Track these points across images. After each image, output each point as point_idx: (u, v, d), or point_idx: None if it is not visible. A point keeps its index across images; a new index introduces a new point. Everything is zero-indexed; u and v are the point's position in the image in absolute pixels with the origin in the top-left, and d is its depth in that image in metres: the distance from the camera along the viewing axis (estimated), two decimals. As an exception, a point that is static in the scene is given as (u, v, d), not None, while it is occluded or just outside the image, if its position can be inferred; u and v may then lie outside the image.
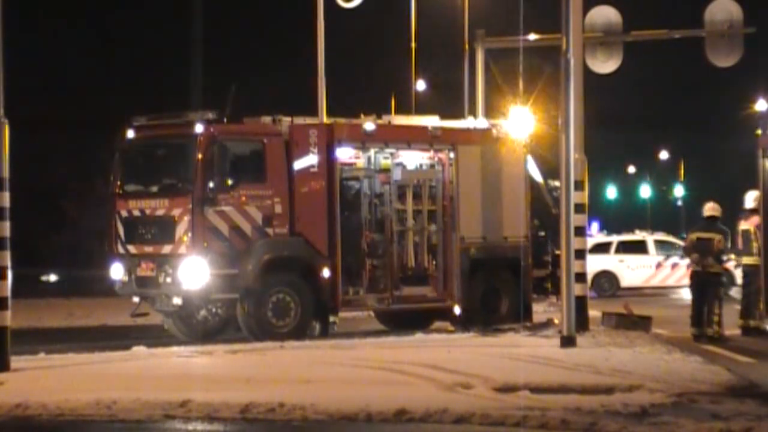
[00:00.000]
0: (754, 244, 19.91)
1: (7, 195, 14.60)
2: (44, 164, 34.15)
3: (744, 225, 20.54)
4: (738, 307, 20.73)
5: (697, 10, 26.00)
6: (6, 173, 14.57)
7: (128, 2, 40.98)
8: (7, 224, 14.59)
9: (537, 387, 12.83)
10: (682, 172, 71.37)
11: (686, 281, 33.17)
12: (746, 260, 20.42)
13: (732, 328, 20.14)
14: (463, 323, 20.54)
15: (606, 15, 25.88)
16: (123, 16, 40.36)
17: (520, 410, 11.61)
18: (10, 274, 14.62)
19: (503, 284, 21.25)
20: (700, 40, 26.14)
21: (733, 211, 23.17)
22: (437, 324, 21.29)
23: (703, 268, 19.62)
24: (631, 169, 74.16)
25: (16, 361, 14.74)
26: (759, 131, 19.64)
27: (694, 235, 19.95)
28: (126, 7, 40.52)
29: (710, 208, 19.93)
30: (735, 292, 25.06)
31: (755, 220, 20.00)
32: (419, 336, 19.42)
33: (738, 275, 23.20)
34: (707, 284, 19.68)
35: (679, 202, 68.03)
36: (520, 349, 16.59)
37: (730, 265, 23.21)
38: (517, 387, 12.82)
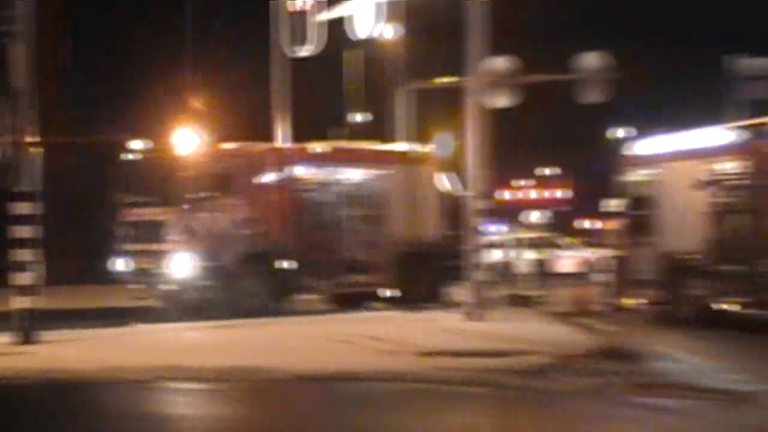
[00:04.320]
0: (615, 240, 20.13)
1: (40, 204, 14.57)
2: (67, 179, 33.66)
3: (606, 225, 20.79)
4: (603, 288, 20.92)
5: (573, 57, 26.22)
6: (39, 187, 14.56)
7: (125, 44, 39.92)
8: (40, 227, 14.54)
9: (451, 352, 12.93)
10: (560, 184, 71.84)
11: (559, 269, 33.60)
12: (608, 252, 20.65)
13: (599, 305, 20.35)
14: (394, 303, 20.63)
15: (501, 62, 26.08)
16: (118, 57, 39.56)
17: (441, 371, 11.72)
18: (42, 267, 14.59)
19: (425, 272, 21.29)
20: (575, 82, 26.34)
21: (600, 214, 23.44)
22: (374, 304, 21.34)
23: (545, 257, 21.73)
24: (522, 183, 74.27)
25: (45, 336, 14.69)
26: (623, 152, 19.84)
27: (536, 234, 21.70)
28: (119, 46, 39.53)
29: (541, 216, 21.58)
30: (600, 277, 25.27)
31: (614, 221, 20.21)
32: (360, 313, 19.47)
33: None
34: (544, 268, 22.00)
35: (559, 208, 68.42)
36: (438, 323, 16.69)
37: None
38: (436, 352, 12.92)
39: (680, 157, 17.90)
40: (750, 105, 21.48)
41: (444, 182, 22.07)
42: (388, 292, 20.90)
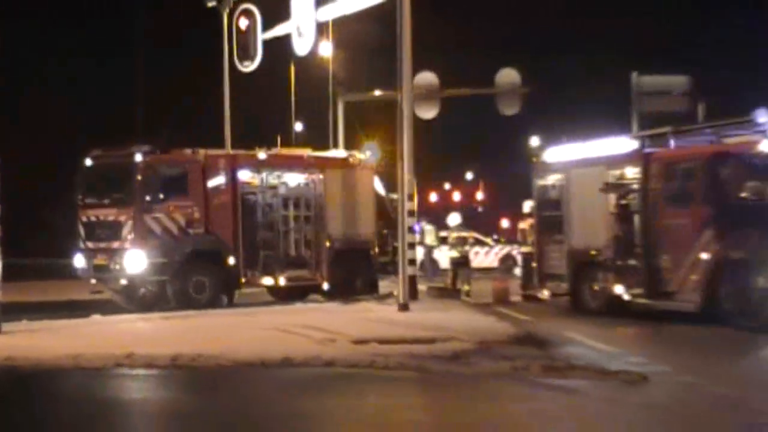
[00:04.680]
0: (529, 238, 20.35)
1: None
2: (26, 182, 33.13)
3: (522, 225, 21.01)
4: (519, 281, 21.12)
5: (491, 73, 26.41)
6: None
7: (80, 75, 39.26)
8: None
9: (382, 339, 12.92)
10: (481, 186, 72.48)
11: (487, 264, 33.83)
12: (524, 249, 20.86)
13: (515, 296, 20.53)
14: (330, 295, 20.61)
15: (428, 77, 26.21)
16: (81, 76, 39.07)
17: (371, 356, 11.73)
18: (0, 264, 14.31)
19: (358, 267, 21.33)
20: (493, 95, 26.58)
21: (518, 214, 23.62)
22: (312, 296, 21.32)
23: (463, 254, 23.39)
24: (447, 186, 74.85)
25: (5, 326, 14.42)
26: (534, 159, 20.07)
27: (454, 234, 24.07)
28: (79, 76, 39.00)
29: (459, 219, 23.79)
30: (516, 271, 25.51)
31: (530, 221, 20.44)
32: (299, 305, 19.41)
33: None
34: (463, 264, 23.05)
35: (480, 209, 68.92)
36: (370, 313, 16.70)
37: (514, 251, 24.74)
38: (368, 340, 12.91)
39: (586, 164, 18.18)
40: (650, 117, 21.86)
41: (378, 185, 22.13)
42: (325, 286, 20.86)
